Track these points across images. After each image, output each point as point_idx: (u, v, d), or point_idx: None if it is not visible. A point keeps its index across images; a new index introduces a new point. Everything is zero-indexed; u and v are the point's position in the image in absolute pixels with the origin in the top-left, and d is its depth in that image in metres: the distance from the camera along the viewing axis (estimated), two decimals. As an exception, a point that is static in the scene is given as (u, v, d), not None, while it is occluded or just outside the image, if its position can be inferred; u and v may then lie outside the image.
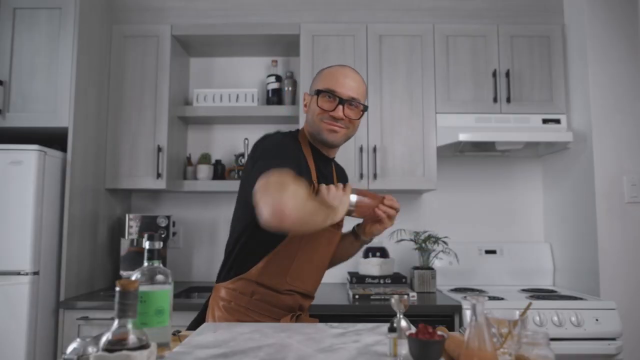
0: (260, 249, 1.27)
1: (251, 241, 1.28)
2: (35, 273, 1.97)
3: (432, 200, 2.76)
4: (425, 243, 2.45)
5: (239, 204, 1.34)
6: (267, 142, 1.28)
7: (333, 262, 1.52)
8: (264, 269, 1.27)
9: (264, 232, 1.18)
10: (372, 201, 1.31)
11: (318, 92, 1.31)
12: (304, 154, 1.34)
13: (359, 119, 1.35)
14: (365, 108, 1.36)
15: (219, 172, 2.65)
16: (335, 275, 2.63)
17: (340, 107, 1.30)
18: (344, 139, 1.35)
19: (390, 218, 1.33)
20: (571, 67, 2.45)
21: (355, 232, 1.45)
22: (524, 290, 2.42)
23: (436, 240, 2.45)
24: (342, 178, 1.55)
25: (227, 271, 1.32)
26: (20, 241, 1.95)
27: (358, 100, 1.32)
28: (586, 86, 2.30)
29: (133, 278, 0.91)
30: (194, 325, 1.33)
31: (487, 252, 2.63)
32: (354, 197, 1.27)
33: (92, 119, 2.33)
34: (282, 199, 0.99)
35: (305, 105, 1.39)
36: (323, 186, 1.21)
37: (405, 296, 2.08)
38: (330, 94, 1.30)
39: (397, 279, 2.35)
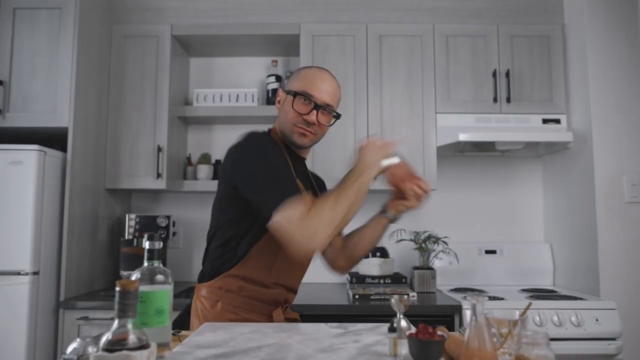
0: (245, 243, 1.27)
1: (235, 237, 1.27)
2: (35, 273, 1.97)
3: (432, 200, 2.75)
4: (425, 243, 2.45)
5: (219, 203, 1.32)
6: (253, 144, 1.25)
7: (363, 248, 1.46)
8: (250, 262, 1.26)
9: (246, 226, 1.25)
10: (403, 171, 1.28)
11: (295, 95, 1.29)
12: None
13: (330, 125, 1.35)
14: (338, 116, 1.35)
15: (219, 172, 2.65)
16: (335, 275, 2.63)
17: (314, 111, 1.29)
18: (312, 143, 1.35)
19: (418, 198, 1.30)
20: (571, 67, 2.45)
21: (383, 209, 1.41)
22: (524, 290, 2.42)
23: (436, 240, 2.45)
24: (320, 184, 1.55)
25: (212, 270, 1.31)
26: (20, 241, 1.95)
27: (332, 107, 1.32)
28: (586, 86, 2.30)
29: (133, 278, 0.91)
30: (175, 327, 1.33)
31: (487, 252, 2.63)
32: (387, 161, 1.25)
33: (92, 119, 2.33)
34: (309, 244, 1.09)
35: (278, 102, 1.37)
36: (371, 141, 1.25)
37: (405, 296, 2.08)
38: (305, 97, 1.29)
39: (397, 279, 2.35)
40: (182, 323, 1.32)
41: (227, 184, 1.28)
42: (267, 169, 1.19)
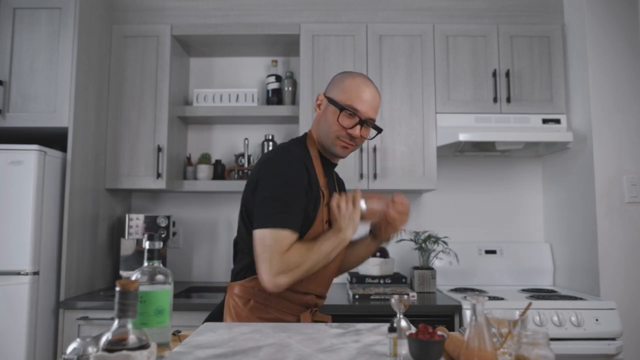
0: None
1: None
2: (35, 273, 1.97)
3: (432, 200, 2.76)
4: (425, 243, 2.45)
5: (247, 208, 1.33)
6: (275, 166, 1.27)
7: (348, 266, 1.55)
8: None
9: None
10: (381, 204, 1.31)
11: (341, 109, 1.30)
12: (312, 158, 1.34)
13: (371, 139, 1.40)
14: (380, 131, 1.39)
15: (219, 172, 2.65)
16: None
17: (359, 127, 1.31)
18: (350, 153, 1.40)
19: (403, 216, 1.35)
20: (571, 67, 2.45)
21: (373, 233, 1.47)
22: (524, 290, 2.42)
23: (436, 240, 2.45)
24: (342, 189, 1.57)
25: (244, 271, 1.32)
26: (20, 241, 1.95)
27: (374, 121, 1.35)
28: (586, 86, 2.30)
29: (133, 278, 0.91)
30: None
31: (487, 252, 2.63)
32: (363, 204, 1.29)
33: (92, 119, 2.33)
34: (273, 279, 1.17)
35: (318, 106, 1.38)
36: (334, 203, 1.28)
37: (405, 296, 2.08)
38: (351, 111, 1.30)
39: (397, 279, 2.35)
40: (215, 321, 1.34)
41: (251, 195, 1.30)
42: (278, 191, 1.23)
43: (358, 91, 1.31)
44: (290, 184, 1.24)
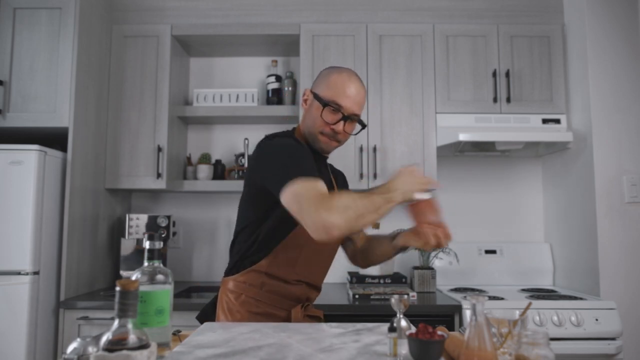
0: (270, 241, 1.29)
1: (261, 234, 1.29)
2: (35, 273, 1.97)
3: (432, 200, 2.75)
4: (425, 243, 2.44)
5: (245, 200, 1.34)
6: (278, 141, 1.27)
7: (377, 259, 1.49)
8: (273, 259, 1.29)
9: (272, 225, 1.27)
10: (430, 211, 1.23)
11: (324, 105, 1.30)
12: None
13: (355, 134, 1.39)
14: (364, 126, 1.40)
15: (219, 172, 2.65)
16: (335, 275, 2.63)
17: (342, 122, 1.31)
18: (334, 149, 1.39)
19: (432, 244, 1.24)
20: (571, 67, 2.45)
21: (394, 236, 1.39)
22: (524, 290, 2.42)
23: (436, 240, 2.44)
24: (341, 180, 1.57)
25: (236, 264, 1.33)
26: (20, 241, 1.95)
27: (358, 117, 1.34)
28: (586, 86, 2.30)
29: (133, 278, 0.91)
30: (202, 318, 1.38)
31: (487, 252, 2.63)
32: (424, 195, 1.19)
33: (92, 119, 2.33)
34: (322, 215, 1.01)
35: (304, 101, 1.38)
36: (407, 169, 1.18)
37: (405, 296, 2.09)
38: (335, 106, 1.30)
39: (397, 278, 2.35)
40: (208, 315, 1.37)
41: (250, 181, 1.31)
42: (288, 157, 1.19)
43: (343, 87, 1.31)
44: (296, 150, 1.22)
